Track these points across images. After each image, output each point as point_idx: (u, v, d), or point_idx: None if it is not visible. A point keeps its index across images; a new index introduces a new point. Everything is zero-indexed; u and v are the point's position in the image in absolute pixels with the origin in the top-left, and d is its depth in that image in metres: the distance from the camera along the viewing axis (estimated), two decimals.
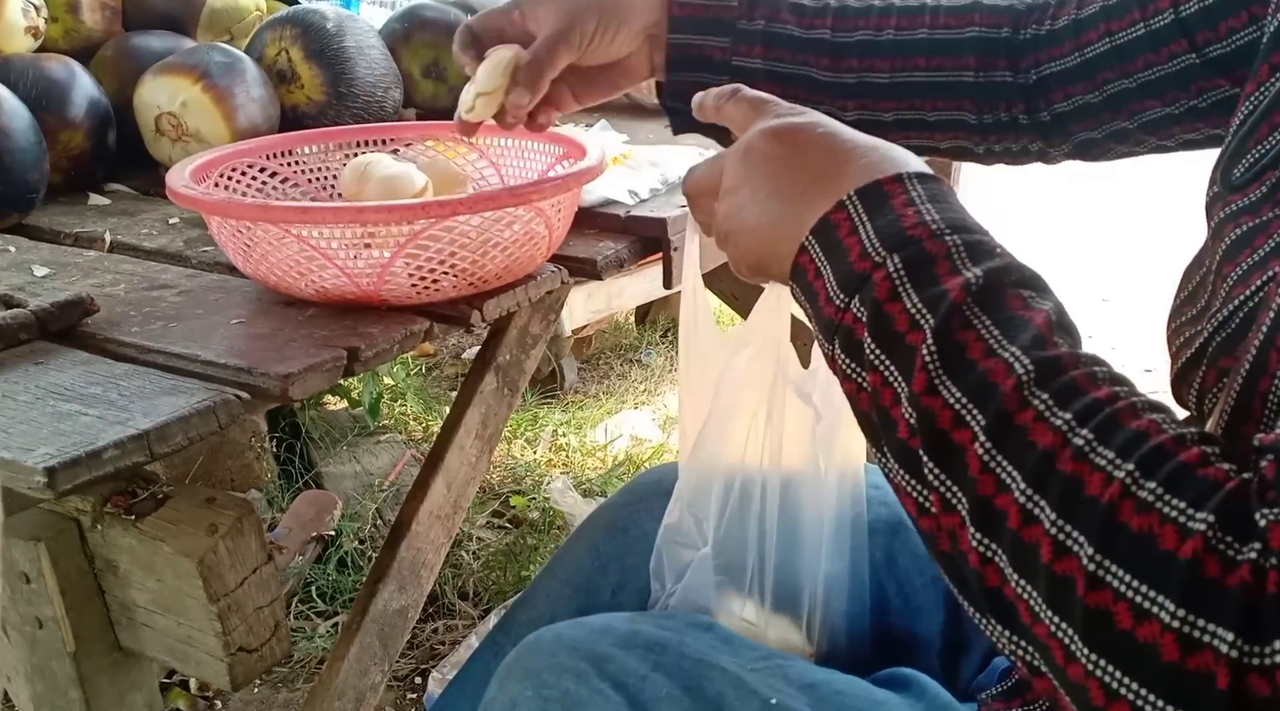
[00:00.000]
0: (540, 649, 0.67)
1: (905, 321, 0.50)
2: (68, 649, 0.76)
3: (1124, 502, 0.41)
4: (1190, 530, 0.39)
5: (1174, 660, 0.38)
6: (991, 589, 0.45)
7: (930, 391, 0.48)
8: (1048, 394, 0.46)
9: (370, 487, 2.08)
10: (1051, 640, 0.43)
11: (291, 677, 1.67)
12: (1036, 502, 0.43)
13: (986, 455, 0.46)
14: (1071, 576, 0.41)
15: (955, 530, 0.47)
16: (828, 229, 0.56)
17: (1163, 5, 0.77)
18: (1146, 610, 0.39)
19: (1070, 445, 0.43)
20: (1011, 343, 0.48)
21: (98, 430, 0.66)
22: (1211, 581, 0.38)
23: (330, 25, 1.29)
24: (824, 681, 0.66)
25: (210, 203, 0.83)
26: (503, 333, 1.08)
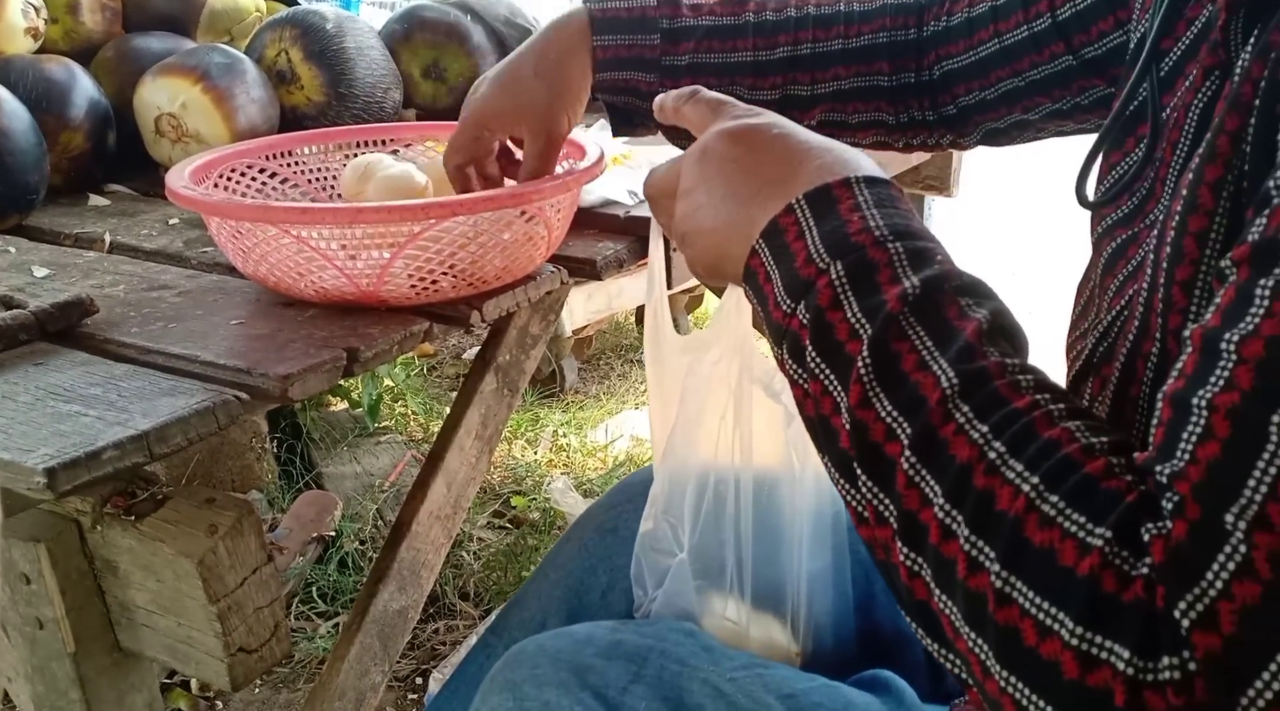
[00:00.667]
0: (522, 660, 0.68)
1: (845, 330, 0.51)
2: (68, 649, 0.76)
3: (1029, 517, 0.42)
4: (1089, 546, 0.40)
5: (1074, 677, 0.39)
6: (919, 602, 0.46)
7: (864, 405, 0.49)
8: (969, 406, 0.46)
9: (371, 488, 2.08)
10: (970, 655, 0.43)
11: (292, 678, 1.67)
12: (954, 517, 0.44)
13: (911, 469, 0.46)
14: (984, 592, 0.42)
15: (888, 542, 0.48)
16: (776, 233, 0.56)
17: (1042, 8, 0.80)
18: (1049, 627, 0.40)
19: (985, 459, 0.44)
20: (942, 355, 0.48)
21: (97, 431, 0.66)
22: (1108, 597, 0.39)
23: (330, 26, 1.29)
24: (803, 691, 0.67)
25: (209, 203, 0.83)
26: (502, 333, 1.08)
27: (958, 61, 0.87)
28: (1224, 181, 0.47)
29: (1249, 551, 0.36)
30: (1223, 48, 0.53)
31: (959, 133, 0.91)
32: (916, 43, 0.88)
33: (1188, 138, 0.56)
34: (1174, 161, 0.57)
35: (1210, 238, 0.48)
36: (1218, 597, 0.36)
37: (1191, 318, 0.49)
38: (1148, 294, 0.52)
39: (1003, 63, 0.84)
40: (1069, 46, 0.80)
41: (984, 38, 0.85)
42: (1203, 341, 0.41)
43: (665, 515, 0.78)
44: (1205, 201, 0.48)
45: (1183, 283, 0.49)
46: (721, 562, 0.77)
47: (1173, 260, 0.50)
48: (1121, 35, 0.77)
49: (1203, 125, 0.55)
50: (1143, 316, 0.52)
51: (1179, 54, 0.60)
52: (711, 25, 0.89)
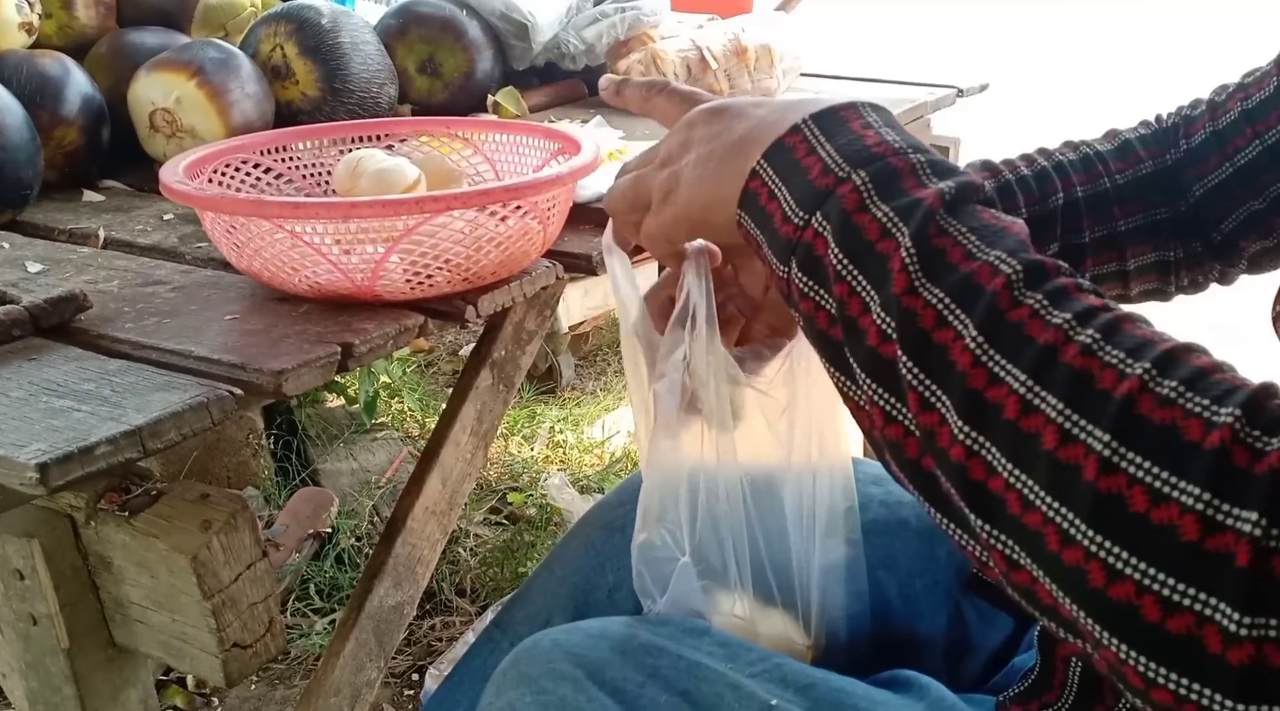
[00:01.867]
0: (537, 654, 0.67)
1: (876, 230, 0.50)
2: (62, 645, 0.76)
3: (1142, 396, 0.41)
4: (1215, 423, 0.40)
5: (1192, 539, 0.39)
6: (975, 482, 0.45)
7: (910, 292, 0.48)
8: (1040, 294, 0.46)
9: (367, 484, 2.08)
10: (1047, 526, 0.43)
11: (289, 674, 1.67)
12: (1037, 393, 0.43)
13: (979, 349, 0.46)
14: (1078, 462, 0.42)
15: (933, 428, 0.47)
16: (782, 152, 0.56)
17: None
18: (1165, 494, 0.39)
19: (1075, 341, 0.44)
20: (993, 247, 0.48)
21: (90, 426, 0.65)
22: (1238, 469, 0.39)
23: (325, 21, 1.29)
24: (822, 681, 0.66)
25: (203, 198, 0.83)
26: (498, 328, 1.07)
27: (1212, 179, 0.81)
28: None
29: None
30: None
31: (1229, 262, 0.85)
32: (1170, 171, 0.83)
33: None
34: None
35: None
36: None
37: None
38: None
39: (1269, 164, 0.78)
40: None
41: (1240, 144, 0.79)
42: None
43: (661, 523, 0.77)
44: None
45: None
46: (724, 561, 0.77)
47: None
48: None
49: None
50: None
51: None
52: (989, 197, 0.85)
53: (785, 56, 1.61)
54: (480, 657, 0.89)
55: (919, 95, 1.64)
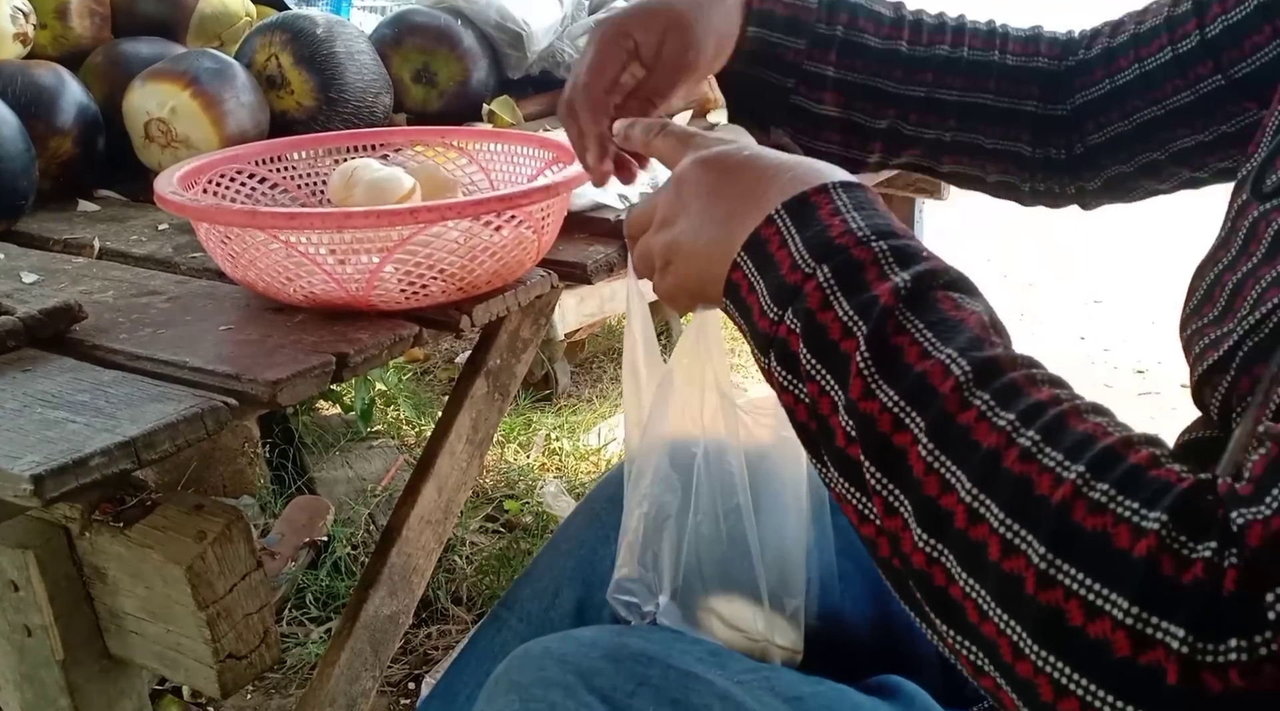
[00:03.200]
0: (528, 662, 0.67)
1: (839, 329, 0.51)
2: (56, 657, 0.76)
3: (1076, 503, 0.41)
4: (1144, 529, 0.40)
5: (1125, 655, 0.39)
6: (938, 589, 0.46)
7: (867, 396, 0.49)
8: (988, 394, 0.46)
9: (363, 493, 2.07)
10: (1000, 637, 0.43)
11: (285, 684, 1.67)
12: (983, 502, 0.44)
13: (930, 456, 0.46)
14: (1021, 574, 0.42)
15: (898, 533, 0.48)
16: (758, 244, 0.57)
17: (1189, 28, 0.77)
18: (1099, 607, 0.39)
19: (1016, 445, 0.44)
20: (946, 345, 0.48)
21: (85, 437, 0.65)
22: (1166, 579, 0.39)
23: (320, 31, 1.29)
24: (811, 694, 0.66)
25: (197, 209, 0.83)
26: (493, 337, 1.08)
27: (1090, 93, 0.83)
28: None
29: None
30: None
31: (1082, 177, 0.88)
32: (1064, 76, 0.85)
33: None
34: None
35: None
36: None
37: None
38: None
39: (1141, 88, 0.80)
40: (1218, 65, 0.76)
41: (1122, 65, 0.81)
42: None
43: (641, 560, 0.77)
44: None
45: None
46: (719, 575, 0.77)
47: None
48: (1279, 46, 0.74)
49: None
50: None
51: None
52: (872, 11, 0.86)
53: None
54: (487, 637, 0.89)
55: None
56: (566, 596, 0.85)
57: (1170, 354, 2.91)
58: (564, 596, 0.85)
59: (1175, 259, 3.59)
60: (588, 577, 0.85)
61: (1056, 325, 3.12)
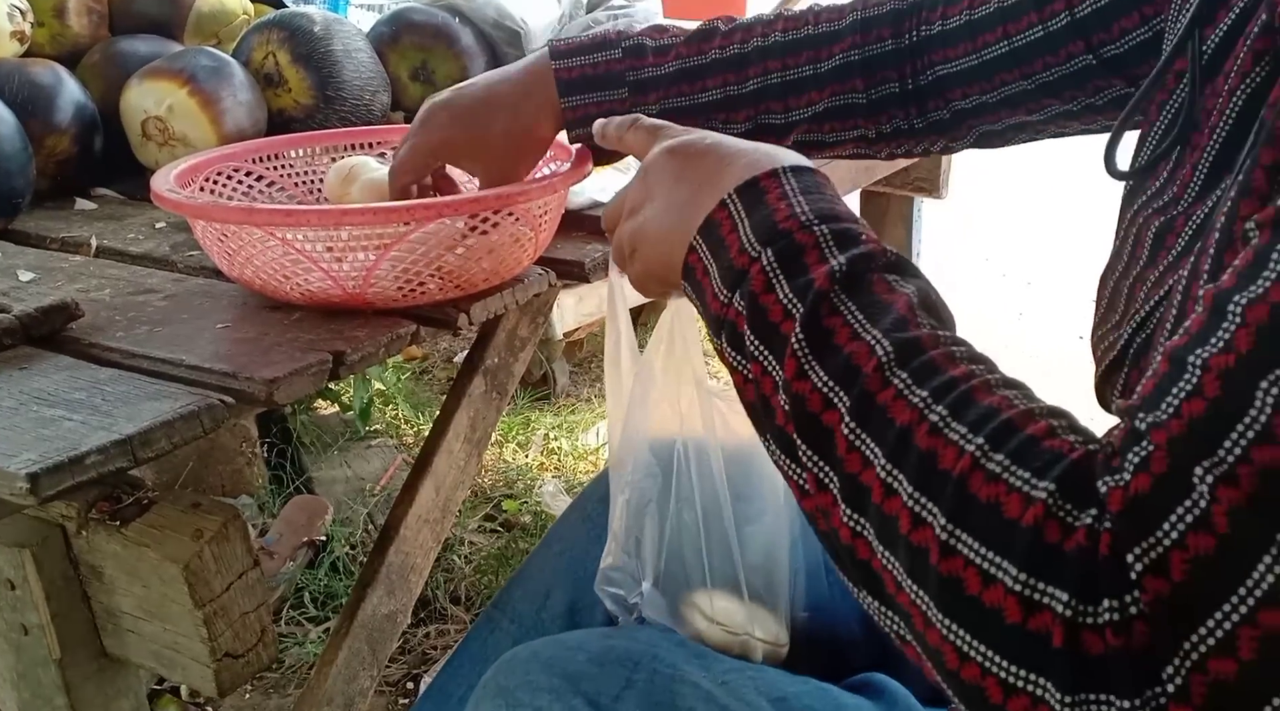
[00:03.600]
0: (515, 667, 0.68)
1: (779, 311, 0.53)
2: (53, 656, 0.75)
3: (974, 474, 0.43)
4: (1032, 498, 0.41)
5: (1016, 621, 0.40)
6: (862, 562, 0.48)
7: (800, 376, 0.51)
8: (906, 373, 0.48)
9: (361, 492, 2.07)
10: (912, 607, 0.45)
11: (283, 683, 1.67)
12: (895, 477, 0.46)
13: (851, 434, 0.48)
14: (926, 546, 0.43)
15: (828, 508, 0.49)
16: (712, 227, 0.59)
17: (1058, 7, 0.78)
18: (992, 575, 0.41)
19: (926, 421, 0.46)
20: (874, 326, 0.50)
21: (81, 435, 0.65)
22: (1050, 546, 0.40)
23: (317, 29, 1.29)
24: (795, 694, 0.67)
25: (193, 206, 0.83)
26: (491, 336, 1.07)
27: (956, 65, 0.85)
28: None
29: (1209, 505, 0.37)
30: (1278, 33, 0.52)
31: (951, 137, 0.90)
32: (896, 52, 0.87)
33: (1228, 122, 0.56)
34: (1209, 146, 0.57)
35: None
36: (1172, 547, 0.38)
37: None
38: (1187, 281, 0.52)
39: (1011, 65, 0.82)
40: (1088, 45, 0.78)
41: (989, 40, 0.83)
42: (1213, 301, 0.41)
43: (624, 549, 0.77)
44: (1259, 185, 0.48)
45: None
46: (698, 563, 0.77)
47: (1221, 245, 0.50)
48: (1147, 31, 0.76)
49: (1248, 111, 0.54)
50: (1181, 305, 0.52)
51: (1218, 39, 0.60)
52: (677, 70, 0.89)
53: None
54: (480, 639, 0.89)
55: None
56: (557, 597, 0.85)
57: None
58: (555, 597, 0.85)
59: None
60: (579, 578, 0.85)
61: (1055, 324, 3.12)
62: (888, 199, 2.03)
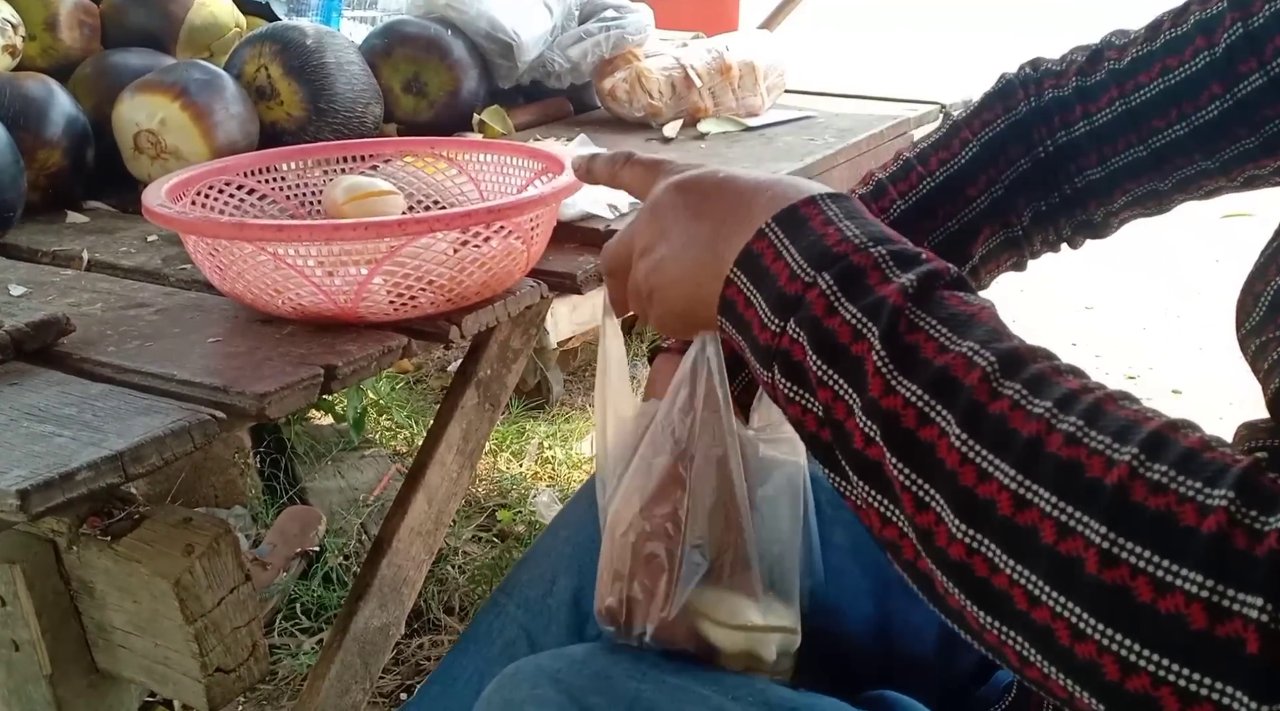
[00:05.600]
0: (520, 680, 0.67)
1: (848, 333, 0.51)
2: (44, 671, 0.75)
3: (1134, 483, 0.41)
4: (1210, 507, 0.40)
5: (1201, 627, 0.39)
6: (979, 580, 0.45)
7: (888, 393, 0.48)
8: (1018, 384, 0.46)
9: (355, 503, 2.07)
10: (1055, 621, 0.43)
11: (276, 695, 1.66)
12: (1028, 487, 0.44)
13: (964, 446, 0.46)
14: (1079, 555, 0.42)
15: (930, 528, 0.47)
16: (752, 258, 0.56)
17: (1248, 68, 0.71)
18: (1169, 583, 0.39)
19: (1058, 431, 0.44)
20: (964, 339, 0.48)
21: (71, 451, 0.65)
22: (1239, 552, 0.39)
23: (310, 41, 1.29)
24: (805, 706, 0.66)
25: (184, 221, 0.83)
26: (483, 348, 1.07)
27: (1121, 159, 0.79)
28: None
29: None
30: None
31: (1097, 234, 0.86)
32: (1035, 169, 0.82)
33: None
34: None
35: None
36: None
37: None
38: None
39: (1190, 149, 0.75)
40: (1260, 62, 0.70)
41: (1159, 126, 0.76)
42: None
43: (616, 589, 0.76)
44: None
45: None
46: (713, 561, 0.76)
47: None
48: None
49: None
50: None
51: None
52: None
53: (769, 74, 1.62)
54: (485, 622, 0.88)
55: (902, 112, 1.65)
56: (563, 584, 0.85)
57: (1161, 359, 2.92)
58: (561, 584, 0.85)
59: (1166, 266, 3.59)
60: (584, 565, 0.84)
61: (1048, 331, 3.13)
62: None
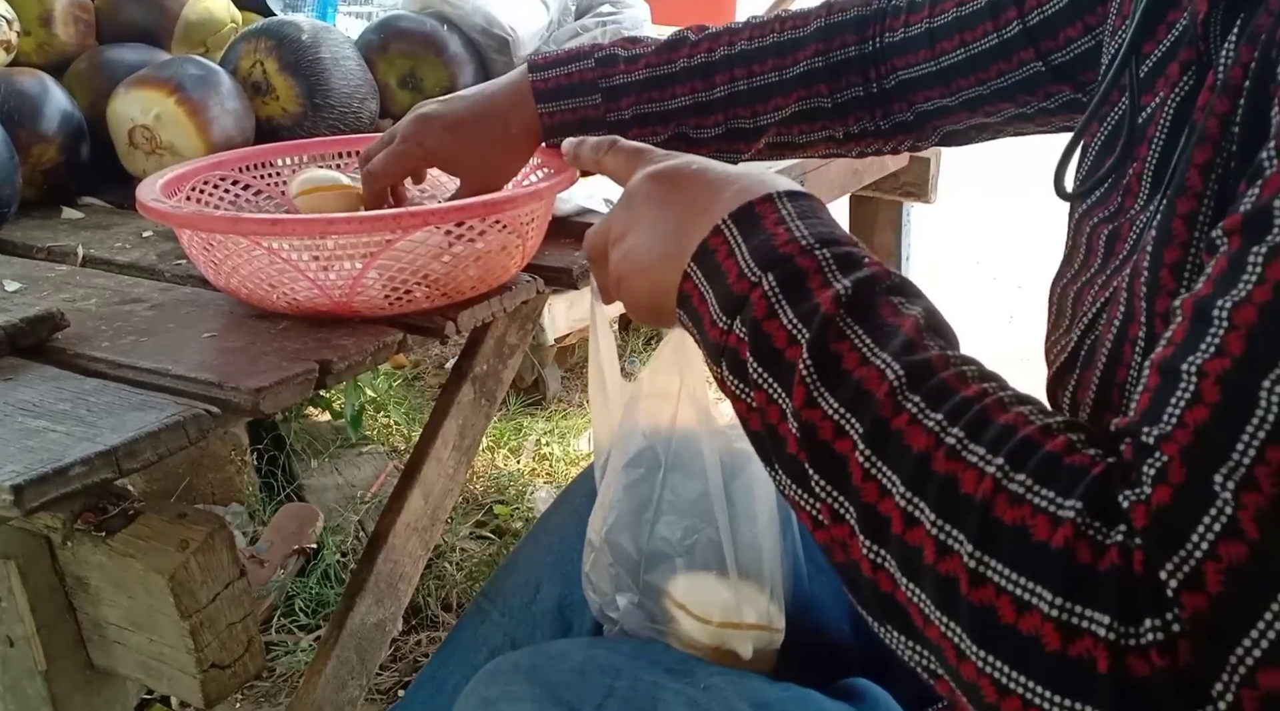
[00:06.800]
0: (497, 677, 0.67)
1: (784, 337, 0.52)
2: (39, 667, 0.75)
3: (997, 497, 0.42)
4: (1060, 519, 0.40)
5: (1056, 649, 0.39)
6: (885, 595, 0.46)
7: (810, 404, 0.49)
8: (919, 396, 0.47)
9: (352, 499, 2.07)
10: (943, 641, 0.43)
11: (274, 692, 1.66)
12: (916, 504, 0.44)
13: (867, 462, 0.47)
14: (955, 575, 0.42)
15: (846, 540, 0.48)
16: (707, 254, 0.57)
17: (1011, 16, 0.83)
18: (1027, 602, 0.40)
19: (944, 445, 0.44)
20: (883, 350, 0.49)
21: (65, 447, 0.65)
22: (1084, 567, 0.39)
23: (305, 37, 1.29)
24: (777, 700, 0.66)
25: (179, 216, 0.83)
26: (479, 343, 1.07)
27: (918, 70, 0.89)
28: (1213, 163, 0.49)
29: (1235, 512, 0.37)
30: (1202, 41, 0.54)
31: (916, 136, 0.95)
32: (860, 57, 0.91)
33: (1163, 132, 0.58)
34: (1150, 156, 0.59)
35: (1199, 219, 0.49)
36: (1204, 558, 0.37)
37: None
38: (1130, 280, 0.53)
39: (968, 71, 0.86)
40: (1038, 52, 0.82)
41: (947, 48, 0.87)
42: (1194, 309, 0.41)
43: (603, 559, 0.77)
44: (1194, 183, 0.49)
45: (1171, 265, 0.50)
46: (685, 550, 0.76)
47: (1160, 242, 0.51)
48: (1090, 40, 0.80)
49: (1179, 118, 0.57)
50: (1128, 302, 0.53)
51: (1159, 56, 0.61)
52: (647, 77, 0.94)
53: None
54: (471, 628, 0.89)
55: None
56: (547, 592, 0.85)
57: None
58: (544, 592, 0.85)
59: None
60: (567, 574, 0.85)
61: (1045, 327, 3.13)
62: (877, 204, 2.04)
